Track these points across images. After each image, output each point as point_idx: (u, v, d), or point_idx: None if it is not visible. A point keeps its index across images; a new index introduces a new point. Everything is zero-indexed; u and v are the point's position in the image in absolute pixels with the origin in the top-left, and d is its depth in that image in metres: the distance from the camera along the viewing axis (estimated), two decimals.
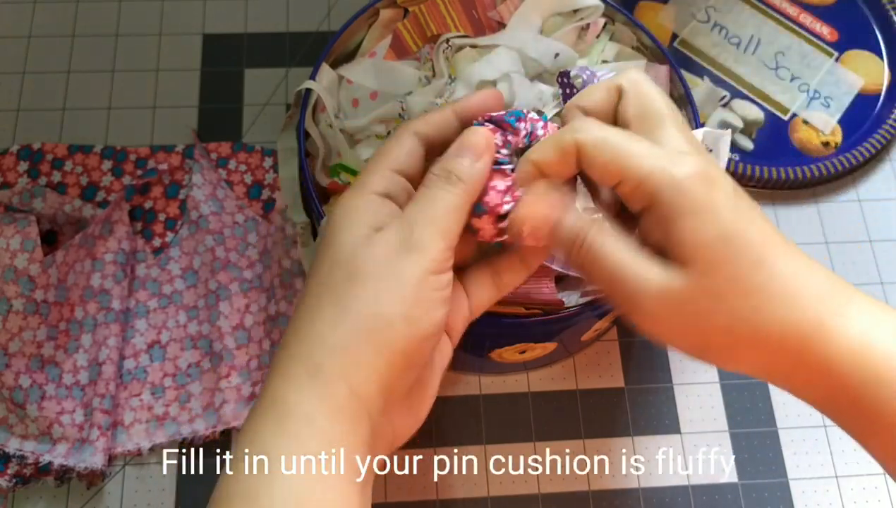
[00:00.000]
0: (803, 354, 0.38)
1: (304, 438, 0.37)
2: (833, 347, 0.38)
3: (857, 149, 0.73)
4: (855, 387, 0.38)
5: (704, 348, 0.40)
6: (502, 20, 0.62)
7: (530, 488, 0.62)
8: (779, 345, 0.38)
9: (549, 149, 0.41)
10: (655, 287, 0.39)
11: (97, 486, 0.61)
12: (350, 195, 0.42)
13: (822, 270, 0.39)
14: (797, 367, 0.39)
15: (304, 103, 0.59)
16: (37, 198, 0.66)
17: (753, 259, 0.38)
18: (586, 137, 0.40)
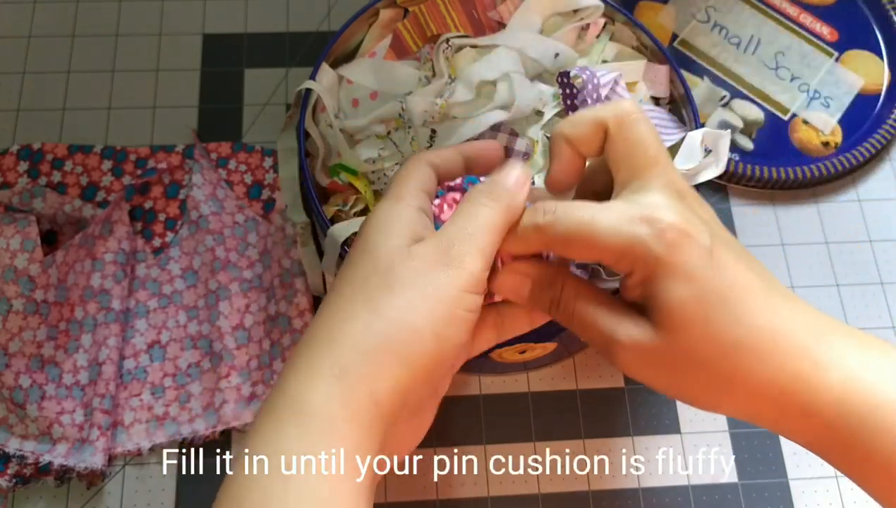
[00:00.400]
0: (785, 405, 0.39)
1: (324, 442, 0.36)
2: (814, 397, 0.38)
3: (857, 149, 0.73)
4: (842, 434, 0.38)
5: (684, 397, 0.41)
6: (502, 20, 0.63)
7: (530, 488, 0.62)
8: (760, 396, 0.39)
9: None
10: (628, 342, 0.39)
11: (97, 486, 0.61)
12: (387, 204, 0.42)
13: (805, 314, 0.40)
14: (782, 416, 0.39)
15: (304, 103, 0.59)
16: (37, 198, 0.66)
17: (728, 317, 0.38)
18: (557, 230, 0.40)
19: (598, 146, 0.42)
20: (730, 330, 0.38)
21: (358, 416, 0.37)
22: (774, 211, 0.72)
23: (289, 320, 0.64)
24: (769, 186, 0.72)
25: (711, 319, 0.38)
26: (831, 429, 0.38)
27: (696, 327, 0.38)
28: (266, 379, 0.63)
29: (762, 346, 0.38)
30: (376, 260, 0.40)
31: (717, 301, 0.38)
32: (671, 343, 0.39)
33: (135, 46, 0.77)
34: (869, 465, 0.38)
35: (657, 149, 0.41)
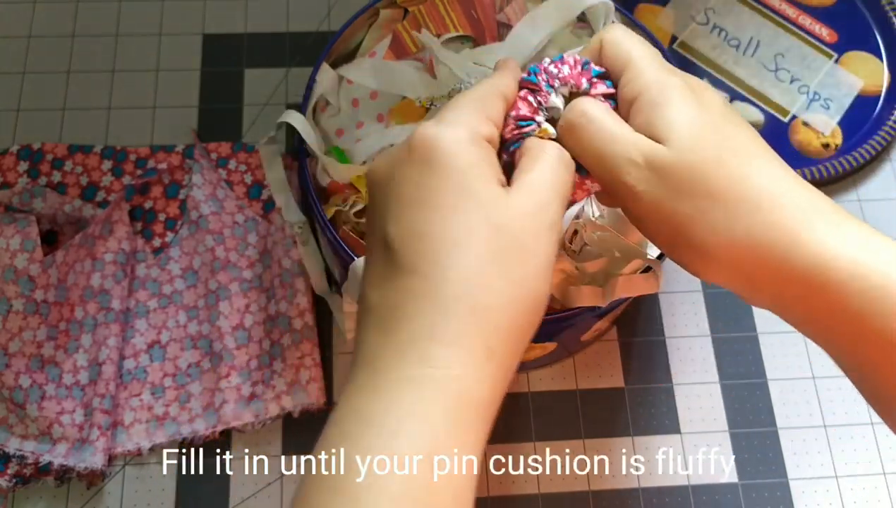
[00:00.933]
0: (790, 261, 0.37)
1: (472, 432, 0.35)
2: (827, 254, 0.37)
3: (857, 151, 0.73)
4: (853, 306, 0.37)
5: (677, 242, 0.40)
6: (509, 22, 0.62)
7: (530, 488, 0.62)
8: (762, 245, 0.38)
9: (586, 50, 0.44)
10: (645, 151, 0.39)
11: (97, 486, 0.61)
12: (456, 130, 0.38)
13: (807, 184, 0.40)
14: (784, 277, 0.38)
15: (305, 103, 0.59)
16: (37, 198, 0.66)
17: (740, 148, 0.39)
18: (608, 35, 0.43)
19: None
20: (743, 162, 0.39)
21: (502, 396, 0.37)
22: None
23: (289, 320, 0.64)
24: None
25: (725, 146, 0.39)
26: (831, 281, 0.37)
27: (710, 148, 0.38)
28: (266, 379, 0.63)
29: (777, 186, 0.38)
30: (489, 213, 0.37)
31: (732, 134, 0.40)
32: (684, 158, 0.38)
33: (135, 46, 0.77)
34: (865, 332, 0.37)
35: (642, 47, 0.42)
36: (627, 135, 0.39)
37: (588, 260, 0.55)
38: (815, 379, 0.66)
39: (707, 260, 0.39)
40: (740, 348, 0.67)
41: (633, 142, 0.39)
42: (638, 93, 0.40)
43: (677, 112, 0.39)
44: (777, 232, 0.37)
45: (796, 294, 0.38)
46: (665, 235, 0.40)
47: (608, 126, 0.40)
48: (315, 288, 0.65)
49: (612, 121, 0.40)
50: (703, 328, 0.68)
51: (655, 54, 0.42)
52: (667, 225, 0.39)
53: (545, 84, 0.43)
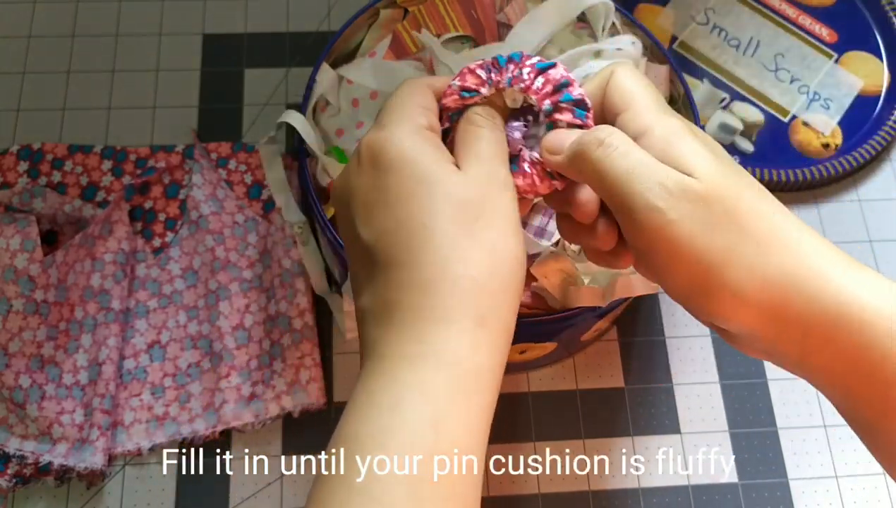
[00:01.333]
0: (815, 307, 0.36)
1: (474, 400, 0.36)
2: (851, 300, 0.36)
3: (857, 151, 0.73)
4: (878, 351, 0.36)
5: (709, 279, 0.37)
6: (509, 22, 0.62)
7: (530, 488, 0.62)
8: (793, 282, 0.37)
9: (593, 82, 0.43)
10: (676, 178, 0.37)
11: (97, 486, 0.61)
12: (399, 128, 0.40)
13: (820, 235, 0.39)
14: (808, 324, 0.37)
15: (305, 103, 0.59)
16: (37, 198, 0.66)
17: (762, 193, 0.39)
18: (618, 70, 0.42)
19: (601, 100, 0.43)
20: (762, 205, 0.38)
21: (501, 365, 0.38)
22: None
23: (289, 320, 0.64)
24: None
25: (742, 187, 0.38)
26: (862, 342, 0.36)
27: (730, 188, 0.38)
28: (266, 379, 0.63)
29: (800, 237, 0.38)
30: (448, 190, 0.38)
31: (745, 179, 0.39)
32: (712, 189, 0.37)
33: (135, 46, 0.77)
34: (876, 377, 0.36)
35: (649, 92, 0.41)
36: (657, 163, 0.38)
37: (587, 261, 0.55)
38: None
39: (739, 301, 0.38)
40: None
41: (664, 170, 0.38)
42: (645, 129, 0.39)
43: (696, 146, 0.38)
44: (806, 272, 0.37)
45: (823, 336, 0.37)
46: (695, 275, 0.38)
47: (635, 153, 0.39)
48: (315, 288, 0.65)
49: (638, 149, 0.39)
50: (703, 328, 0.68)
51: (659, 96, 0.41)
52: (699, 264, 0.37)
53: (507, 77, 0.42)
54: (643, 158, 0.38)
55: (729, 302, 0.38)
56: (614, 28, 0.63)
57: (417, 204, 0.38)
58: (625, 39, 0.61)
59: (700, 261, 0.37)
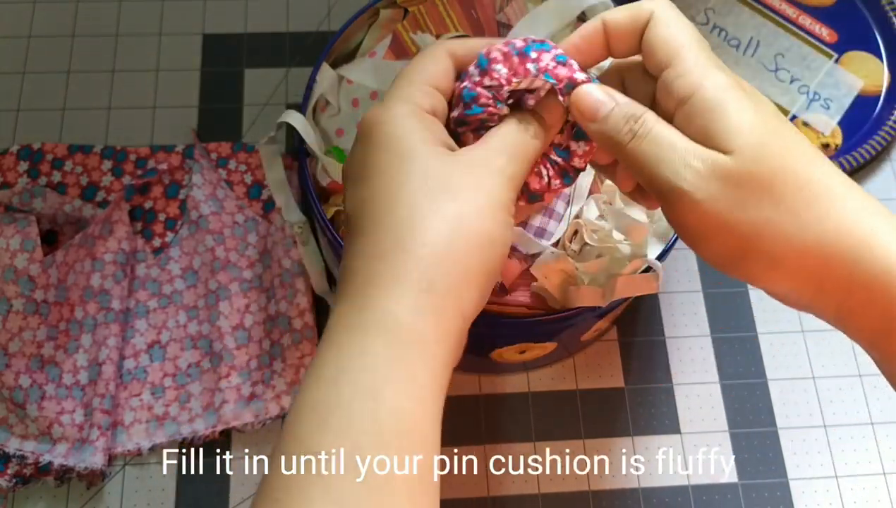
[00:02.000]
0: (859, 263, 0.36)
1: (413, 364, 0.36)
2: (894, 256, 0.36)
3: (857, 151, 0.73)
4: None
5: (747, 249, 0.38)
6: (509, 22, 0.62)
7: (530, 488, 0.62)
8: (830, 248, 0.37)
9: (623, 12, 0.41)
10: (708, 162, 0.37)
11: (97, 486, 0.61)
12: (396, 106, 0.40)
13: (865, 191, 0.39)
14: (851, 281, 0.37)
15: (305, 103, 0.59)
16: (37, 198, 0.66)
17: (804, 154, 0.38)
18: (661, 12, 0.40)
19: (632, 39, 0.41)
20: (808, 169, 0.37)
21: (449, 334, 0.37)
22: None
23: (289, 320, 0.64)
24: None
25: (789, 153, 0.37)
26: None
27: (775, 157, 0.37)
28: (266, 379, 0.63)
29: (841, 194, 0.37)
30: (426, 166, 0.38)
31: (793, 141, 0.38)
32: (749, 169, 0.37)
33: (135, 46, 0.77)
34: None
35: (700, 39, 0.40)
36: (686, 144, 0.38)
37: (588, 260, 0.55)
38: (815, 379, 0.66)
39: (776, 269, 0.38)
40: (740, 348, 0.67)
41: (693, 150, 0.38)
42: (690, 92, 0.38)
43: (738, 118, 0.37)
44: (847, 238, 0.37)
45: (863, 299, 0.37)
46: (729, 247, 0.38)
47: (664, 137, 0.38)
48: (315, 288, 0.65)
49: (667, 129, 0.39)
50: (703, 328, 0.68)
51: (705, 45, 0.40)
52: (731, 236, 0.38)
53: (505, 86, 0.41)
54: (672, 140, 0.38)
55: (765, 270, 0.38)
56: None
57: (392, 176, 0.38)
58: None
59: (732, 235, 0.38)
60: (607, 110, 0.40)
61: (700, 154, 0.37)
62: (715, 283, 0.69)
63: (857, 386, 0.66)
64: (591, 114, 0.41)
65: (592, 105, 0.41)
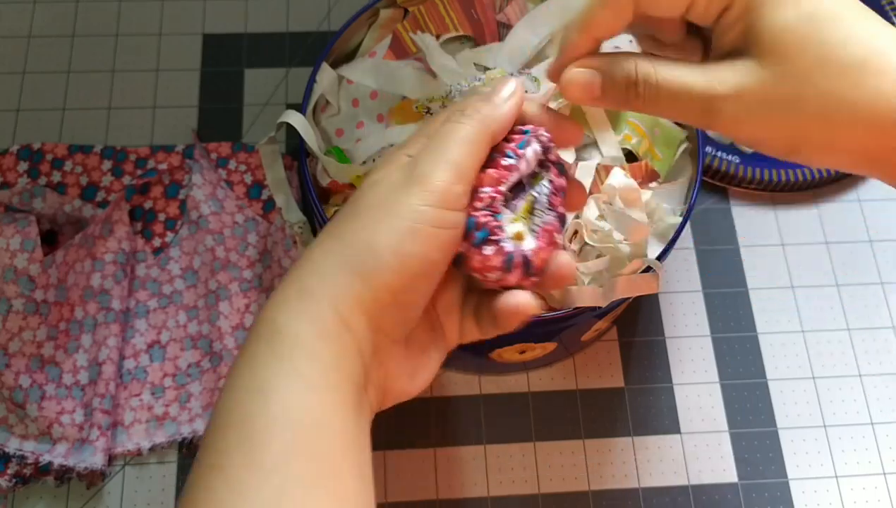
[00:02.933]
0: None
1: (294, 358, 0.37)
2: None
3: None
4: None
5: (797, 143, 0.38)
6: (509, 22, 0.62)
7: (530, 488, 0.62)
8: (886, 121, 0.36)
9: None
10: (733, 87, 0.37)
11: (97, 486, 0.61)
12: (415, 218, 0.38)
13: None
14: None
15: (305, 103, 0.59)
16: (37, 198, 0.66)
17: (843, 35, 0.36)
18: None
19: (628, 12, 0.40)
20: (847, 50, 0.36)
21: (327, 336, 0.37)
22: (775, 212, 0.72)
23: None
24: (769, 189, 0.72)
25: (826, 39, 0.36)
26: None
27: (811, 49, 0.36)
28: None
29: (886, 65, 0.36)
30: (352, 197, 0.40)
31: (831, 20, 0.37)
32: (784, 73, 0.37)
33: (135, 46, 0.77)
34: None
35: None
36: (704, 78, 0.38)
37: (588, 260, 0.55)
38: (815, 379, 0.66)
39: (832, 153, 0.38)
40: (740, 348, 0.67)
41: (717, 80, 0.37)
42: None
43: (772, 17, 0.37)
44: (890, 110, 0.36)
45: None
46: (769, 142, 0.39)
47: (674, 73, 0.38)
48: None
49: (676, 67, 0.38)
50: (703, 328, 0.68)
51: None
52: (770, 133, 0.38)
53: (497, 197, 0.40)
54: (682, 79, 0.38)
55: (822, 155, 0.38)
56: None
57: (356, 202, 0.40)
58: (622, 38, 0.61)
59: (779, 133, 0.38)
60: (599, 83, 0.40)
61: (728, 83, 0.37)
62: (715, 283, 0.69)
63: (857, 386, 0.66)
64: (590, 94, 0.40)
65: (583, 86, 0.40)
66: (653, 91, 0.39)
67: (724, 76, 0.38)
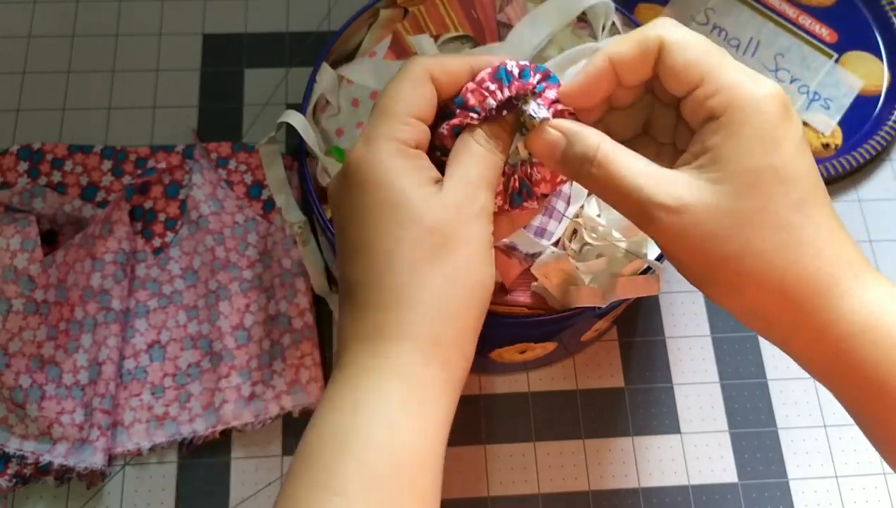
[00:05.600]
0: (812, 309, 0.38)
1: (429, 407, 0.39)
2: (845, 308, 0.37)
3: (857, 151, 0.73)
4: (858, 355, 0.38)
5: (707, 277, 0.39)
6: (510, 22, 0.62)
7: (530, 488, 0.62)
8: (789, 291, 0.38)
9: (629, 44, 0.40)
10: (674, 199, 0.38)
11: (97, 486, 0.61)
12: (381, 145, 0.40)
13: (854, 243, 0.39)
14: (801, 322, 0.38)
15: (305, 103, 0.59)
16: (37, 198, 0.66)
17: (796, 198, 0.37)
18: (673, 35, 0.40)
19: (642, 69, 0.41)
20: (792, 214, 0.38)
21: (454, 381, 0.40)
22: None
23: (289, 320, 0.64)
24: None
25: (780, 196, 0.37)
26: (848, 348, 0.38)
27: (762, 197, 0.37)
28: (266, 379, 0.63)
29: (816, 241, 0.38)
30: (418, 217, 0.39)
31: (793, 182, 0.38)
32: (726, 206, 0.37)
33: (135, 46, 0.77)
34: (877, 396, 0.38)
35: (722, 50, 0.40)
36: (655, 177, 0.39)
37: (588, 260, 0.55)
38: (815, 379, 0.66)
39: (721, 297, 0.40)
40: (740, 348, 0.67)
41: (665, 189, 0.38)
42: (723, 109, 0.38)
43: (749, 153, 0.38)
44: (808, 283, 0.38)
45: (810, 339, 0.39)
46: (684, 263, 0.40)
47: (630, 165, 0.39)
48: (315, 288, 0.65)
49: (634, 160, 0.39)
50: (703, 328, 0.68)
51: (726, 55, 0.40)
52: (689, 256, 0.39)
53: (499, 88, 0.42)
54: (632, 177, 0.39)
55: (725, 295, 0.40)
56: (614, 28, 0.63)
57: (385, 228, 0.40)
58: None
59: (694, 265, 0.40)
60: (561, 148, 0.41)
61: (672, 193, 0.38)
62: None
63: None
64: (551, 155, 0.42)
65: (547, 146, 0.42)
66: (603, 175, 0.40)
67: (675, 187, 0.38)
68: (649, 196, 0.38)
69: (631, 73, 0.41)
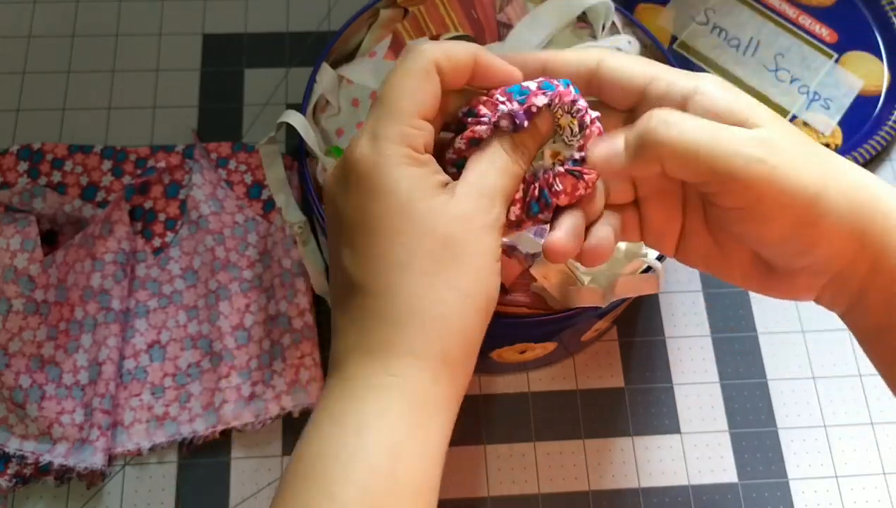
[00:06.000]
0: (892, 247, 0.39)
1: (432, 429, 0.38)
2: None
3: (857, 151, 0.73)
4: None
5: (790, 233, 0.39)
6: (510, 22, 0.62)
7: (530, 488, 0.62)
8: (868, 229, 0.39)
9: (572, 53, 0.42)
10: (749, 134, 0.38)
11: (97, 486, 0.61)
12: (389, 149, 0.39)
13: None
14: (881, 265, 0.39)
15: (305, 103, 0.59)
16: (37, 198, 0.66)
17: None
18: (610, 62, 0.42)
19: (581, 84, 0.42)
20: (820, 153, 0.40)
21: (458, 397, 0.40)
22: None
23: (289, 320, 0.64)
24: None
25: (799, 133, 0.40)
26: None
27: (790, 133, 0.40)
28: (266, 379, 0.63)
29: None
30: (431, 228, 0.38)
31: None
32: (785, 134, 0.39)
33: (135, 46, 0.77)
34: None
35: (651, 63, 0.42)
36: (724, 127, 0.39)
37: None
38: (815, 379, 0.66)
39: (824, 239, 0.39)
40: (740, 348, 0.67)
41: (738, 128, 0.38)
42: (692, 90, 0.40)
43: (747, 98, 0.40)
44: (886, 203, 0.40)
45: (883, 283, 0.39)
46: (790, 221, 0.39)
47: (706, 121, 0.39)
48: (315, 288, 0.65)
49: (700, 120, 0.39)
50: (703, 328, 0.68)
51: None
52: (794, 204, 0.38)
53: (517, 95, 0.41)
54: (708, 127, 0.38)
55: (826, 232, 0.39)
56: (614, 28, 0.63)
57: (397, 238, 0.38)
58: (622, 39, 0.61)
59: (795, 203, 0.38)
60: (619, 150, 0.41)
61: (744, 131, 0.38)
62: (715, 283, 0.69)
63: (857, 386, 0.66)
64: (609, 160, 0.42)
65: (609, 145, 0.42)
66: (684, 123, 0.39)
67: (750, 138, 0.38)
68: (736, 149, 0.38)
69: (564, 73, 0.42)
